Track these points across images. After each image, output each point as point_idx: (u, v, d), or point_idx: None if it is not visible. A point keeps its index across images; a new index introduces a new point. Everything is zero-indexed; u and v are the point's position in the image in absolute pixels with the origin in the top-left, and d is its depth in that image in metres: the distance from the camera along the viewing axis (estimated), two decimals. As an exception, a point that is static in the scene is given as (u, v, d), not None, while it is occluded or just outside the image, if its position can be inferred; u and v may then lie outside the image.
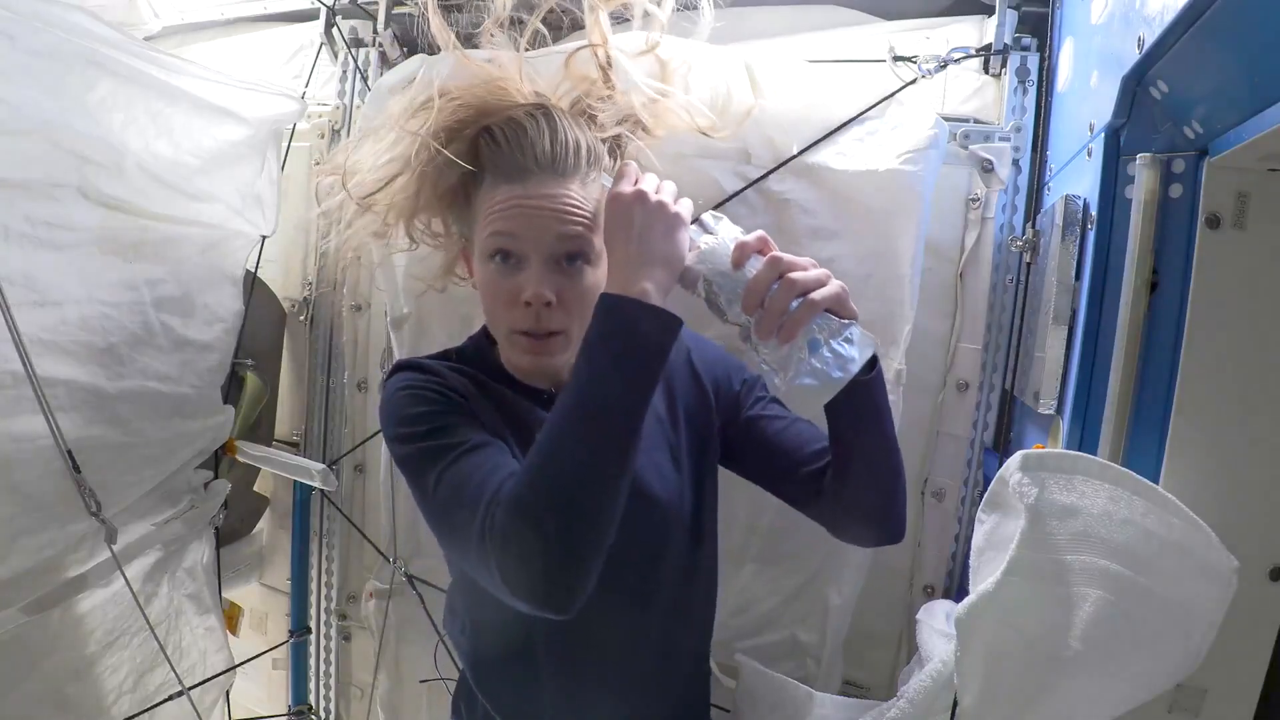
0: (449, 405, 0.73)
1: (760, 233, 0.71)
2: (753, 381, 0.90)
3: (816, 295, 0.66)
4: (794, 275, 0.67)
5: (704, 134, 0.92)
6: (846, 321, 0.69)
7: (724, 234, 0.73)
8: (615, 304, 0.65)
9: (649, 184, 0.71)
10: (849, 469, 0.77)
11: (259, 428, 1.44)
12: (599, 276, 0.74)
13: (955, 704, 0.71)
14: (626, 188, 0.70)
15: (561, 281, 0.73)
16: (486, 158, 0.76)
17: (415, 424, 0.71)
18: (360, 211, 0.86)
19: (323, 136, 1.43)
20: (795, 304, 0.66)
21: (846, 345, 0.68)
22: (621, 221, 0.69)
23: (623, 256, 0.68)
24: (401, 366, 0.79)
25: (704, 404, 0.87)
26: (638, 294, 0.64)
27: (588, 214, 0.73)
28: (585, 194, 0.74)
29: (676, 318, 0.65)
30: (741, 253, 0.70)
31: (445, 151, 0.75)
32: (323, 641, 1.55)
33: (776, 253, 0.69)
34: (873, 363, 0.71)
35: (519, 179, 0.73)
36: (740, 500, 1.10)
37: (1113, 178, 0.74)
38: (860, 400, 0.72)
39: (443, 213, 0.85)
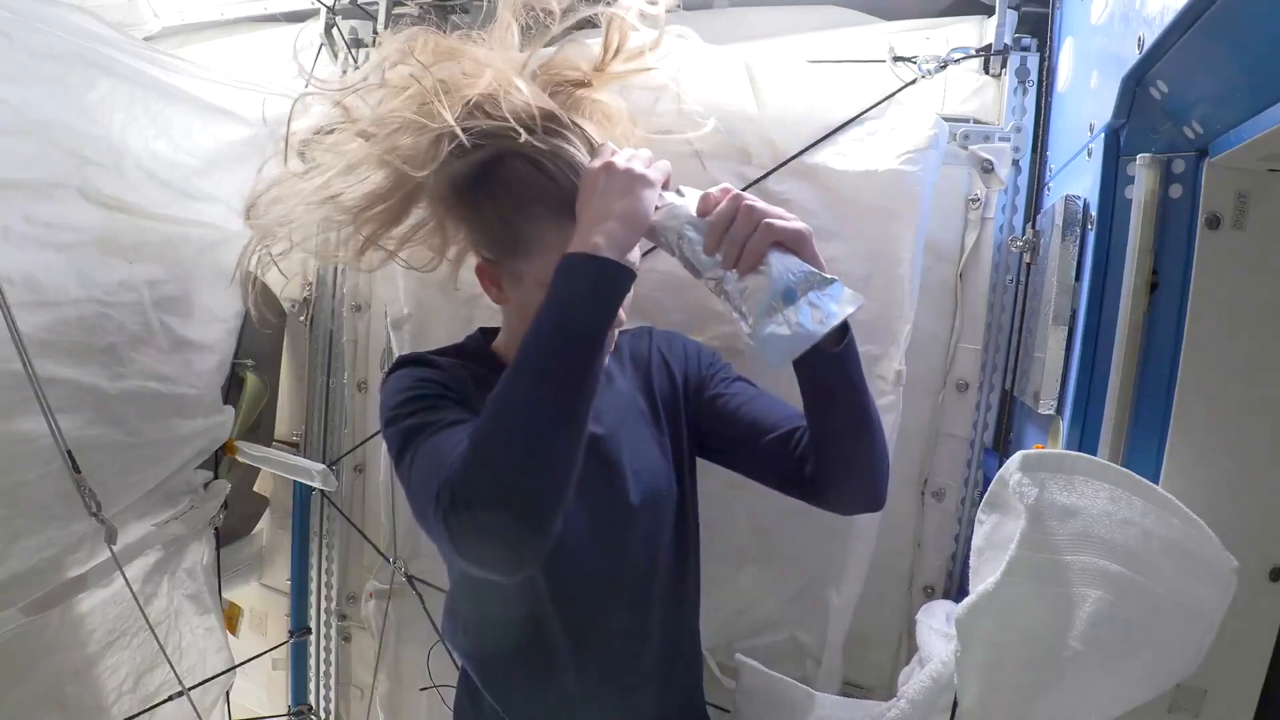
0: (440, 393, 0.74)
1: (725, 184, 0.73)
2: (717, 365, 0.92)
3: (775, 222, 0.68)
4: (751, 203, 0.69)
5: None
6: (831, 277, 0.68)
7: (693, 195, 0.74)
8: (566, 262, 0.66)
9: (621, 156, 0.72)
10: (822, 444, 0.77)
11: (259, 428, 1.44)
12: None
13: (955, 704, 0.71)
14: (596, 162, 0.72)
15: None
16: (531, 187, 0.74)
17: (402, 407, 0.73)
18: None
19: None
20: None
21: (826, 300, 0.66)
22: (587, 189, 0.71)
23: (584, 219, 0.69)
24: (404, 361, 0.80)
25: (675, 393, 0.90)
26: (589, 248, 0.66)
27: None
28: None
29: (627, 270, 0.66)
30: (706, 201, 0.71)
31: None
32: (323, 642, 1.55)
33: (739, 192, 0.71)
34: (844, 333, 0.72)
35: None
36: (741, 502, 1.10)
37: (1113, 178, 0.73)
38: (829, 375, 0.73)
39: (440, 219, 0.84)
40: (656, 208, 0.72)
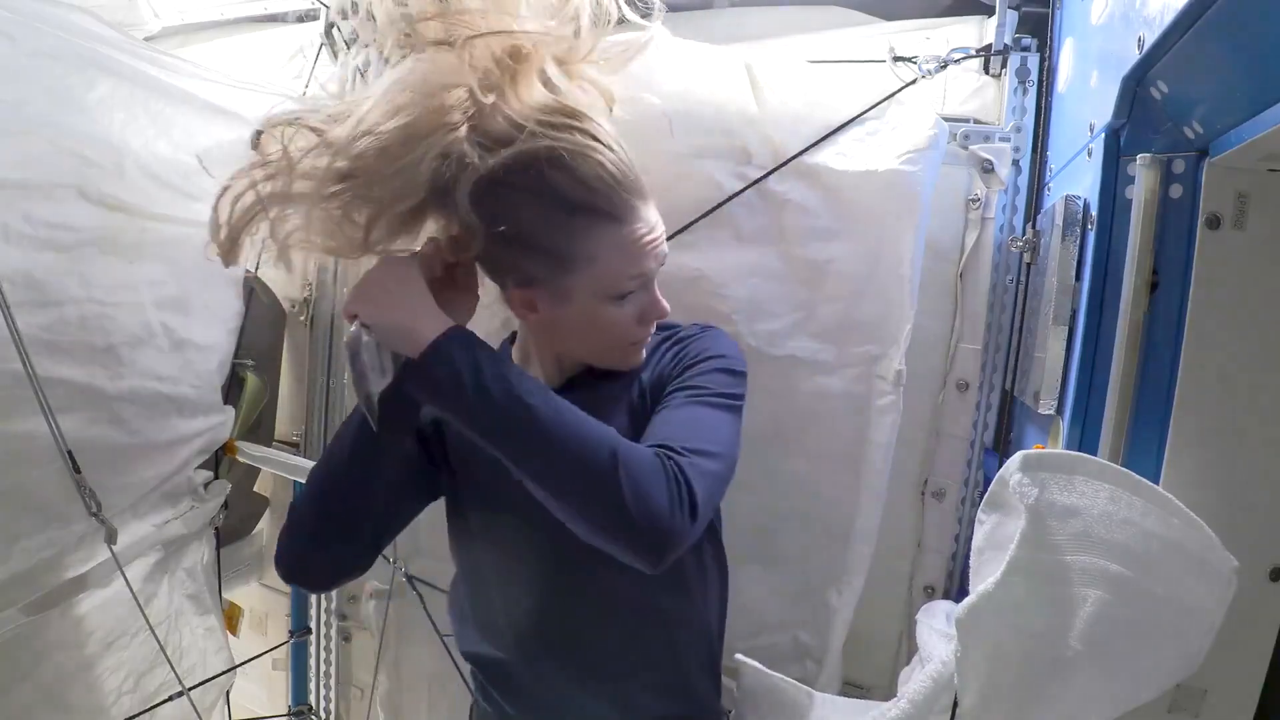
0: None
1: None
2: (689, 376, 0.80)
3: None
4: None
5: None
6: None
7: None
8: None
9: None
10: None
11: (259, 428, 1.44)
12: None
13: (955, 704, 0.71)
14: None
15: None
16: (588, 193, 0.69)
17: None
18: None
19: (323, 136, 1.43)
20: None
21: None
22: None
23: None
24: None
25: (660, 395, 0.81)
26: None
27: None
28: None
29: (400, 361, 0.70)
30: None
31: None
32: (323, 641, 1.55)
33: None
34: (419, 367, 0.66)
35: (639, 216, 0.71)
36: (742, 502, 1.10)
37: (1113, 178, 0.73)
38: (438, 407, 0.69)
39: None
40: None
